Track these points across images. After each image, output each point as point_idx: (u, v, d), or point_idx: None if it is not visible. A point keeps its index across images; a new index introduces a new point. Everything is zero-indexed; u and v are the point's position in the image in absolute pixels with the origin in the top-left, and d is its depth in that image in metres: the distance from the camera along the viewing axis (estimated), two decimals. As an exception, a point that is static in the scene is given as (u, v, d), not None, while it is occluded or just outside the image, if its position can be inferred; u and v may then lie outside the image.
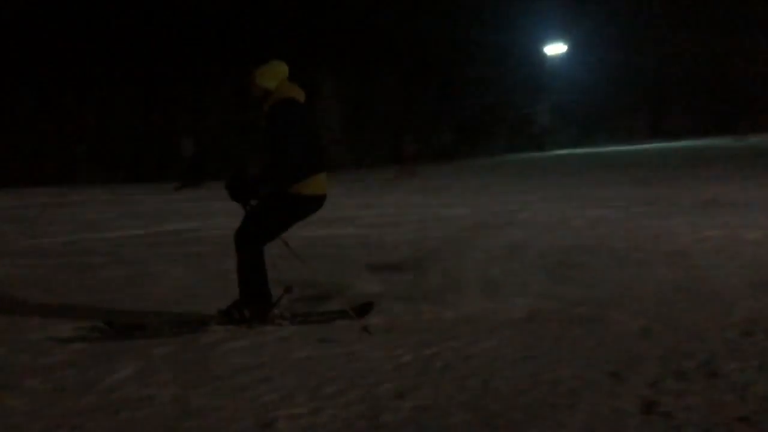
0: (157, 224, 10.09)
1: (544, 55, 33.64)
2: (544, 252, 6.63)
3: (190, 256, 7.13)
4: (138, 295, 5.24)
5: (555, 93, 32.47)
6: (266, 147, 4.18)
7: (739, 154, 21.34)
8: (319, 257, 6.82)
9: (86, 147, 30.15)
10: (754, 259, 5.89)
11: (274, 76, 4.26)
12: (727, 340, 3.69)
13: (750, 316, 4.13)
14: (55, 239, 8.72)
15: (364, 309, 4.43)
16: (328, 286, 5.38)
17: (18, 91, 27.77)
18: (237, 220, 10.81)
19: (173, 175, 19.80)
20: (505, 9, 29.21)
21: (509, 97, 31.10)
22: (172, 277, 5.98)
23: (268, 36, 25.61)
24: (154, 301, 5.06)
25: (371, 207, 11.94)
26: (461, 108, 29.83)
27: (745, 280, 5.11)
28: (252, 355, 3.68)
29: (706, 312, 4.28)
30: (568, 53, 33.47)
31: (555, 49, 33.62)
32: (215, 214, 11.26)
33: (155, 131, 29.01)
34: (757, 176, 14.09)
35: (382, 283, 5.47)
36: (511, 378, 3.23)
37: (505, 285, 5.26)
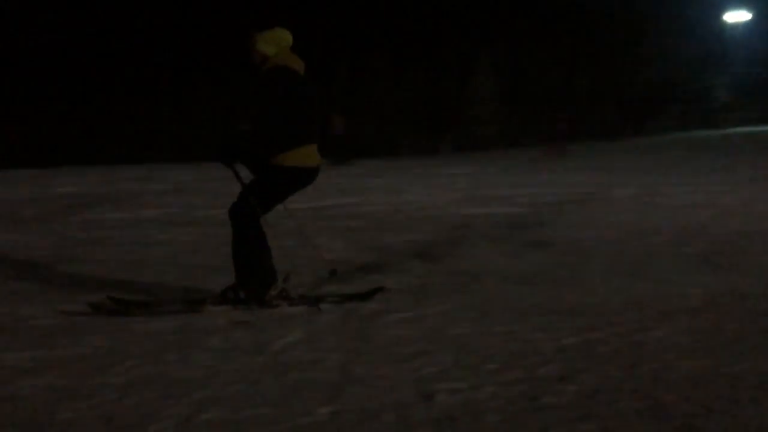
0: (317, 198, 10.50)
1: (723, 24, 30.83)
2: (722, 238, 6.13)
3: (349, 230, 7.37)
4: (301, 266, 5.49)
5: (735, 65, 29.68)
6: (255, 111, 4.12)
7: None
8: (477, 235, 6.80)
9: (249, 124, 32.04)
10: None
11: (275, 42, 4.20)
12: None
13: None
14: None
15: (371, 293, 4.31)
16: (474, 265, 5.35)
17: (190, 73, 30.06)
18: (395, 197, 11.00)
19: (325, 152, 20.46)
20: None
21: (682, 70, 28.85)
22: (333, 250, 6.22)
23: (424, 10, 25.68)
24: (316, 270, 5.29)
25: (527, 185, 11.67)
26: (628, 83, 28.14)
27: None
28: (412, 327, 3.73)
29: None
30: (752, 21, 30.41)
31: (737, 16, 30.68)
32: (372, 190, 11.55)
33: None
34: None
35: (538, 264, 5.34)
36: (686, 369, 3.02)
37: (677, 271, 4.93)
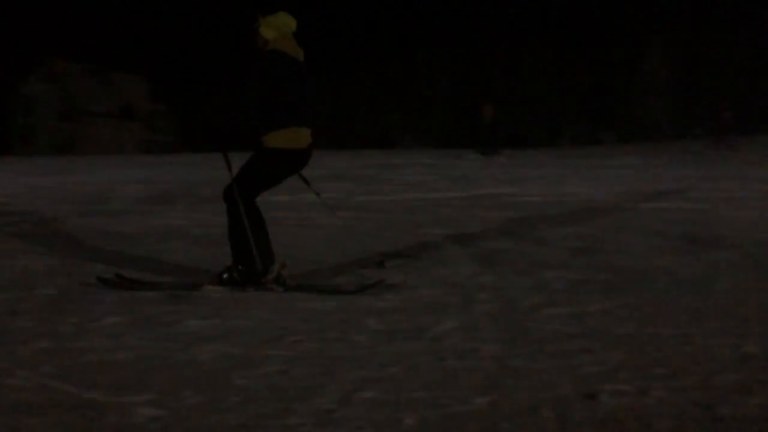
0: (473, 188, 10.47)
1: None
2: None
3: (506, 220, 7.26)
4: (451, 254, 5.49)
5: None
6: (246, 92, 4.18)
7: None
8: (643, 231, 6.43)
9: (403, 114, 32.57)
10: None
11: (276, 27, 4.26)
12: None
13: None
14: (385, 197, 9.57)
15: (366, 287, 4.25)
16: (640, 262, 5.05)
17: (356, 64, 31.00)
18: (555, 188, 10.70)
19: (474, 141, 20.11)
20: None
21: None
22: (484, 238, 6.16)
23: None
24: (466, 259, 5.25)
25: (700, 179, 10.86)
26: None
27: None
28: (572, 323, 3.60)
29: None
30: None
31: None
32: (530, 181, 11.29)
33: (463, 97, 29.91)
34: None
35: (713, 264, 4.94)
36: None
37: None
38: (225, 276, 4.26)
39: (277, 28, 4.27)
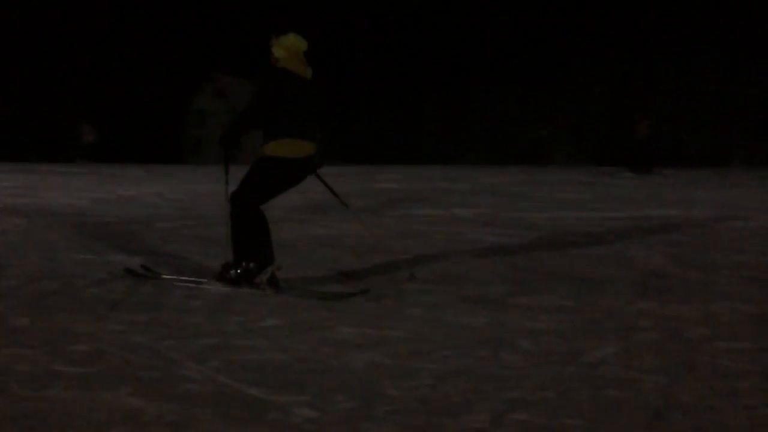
0: (632, 208, 9.94)
1: None
2: None
3: (669, 243, 6.82)
4: (608, 277, 5.22)
5: None
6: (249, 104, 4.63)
7: None
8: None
9: (554, 128, 31.68)
10: None
11: (285, 47, 4.58)
12: None
13: None
14: (538, 214, 9.31)
15: (338, 295, 4.41)
16: None
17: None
18: (724, 212, 9.91)
19: (628, 158, 18.87)
20: None
21: None
22: (646, 262, 5.81)
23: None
24: (626, 282, 4.98)
25: None
26: None
27: None
28: (747, 360, 3.28)
29: None
30: None
31: None
32: (696, 202, 10.56)
33: (618, 112, 28.51)
34: None
35: None
36: None
37: None
38: (224, 273, 4.61)
39: (287, 48, 4.61)
